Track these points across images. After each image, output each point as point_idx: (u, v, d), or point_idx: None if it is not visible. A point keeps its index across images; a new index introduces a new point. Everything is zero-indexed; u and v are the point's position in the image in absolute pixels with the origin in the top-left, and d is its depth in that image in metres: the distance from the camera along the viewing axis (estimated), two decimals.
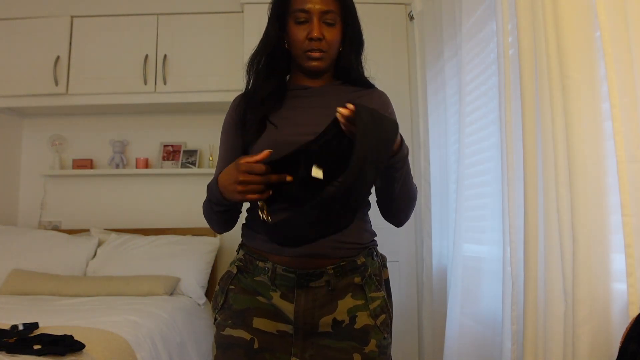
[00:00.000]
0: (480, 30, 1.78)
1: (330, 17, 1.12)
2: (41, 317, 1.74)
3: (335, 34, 1.13)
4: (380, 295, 1.08)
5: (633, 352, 0.88)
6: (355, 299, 1.05)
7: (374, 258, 1.12)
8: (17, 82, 2.78)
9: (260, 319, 1.06)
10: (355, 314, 1.04)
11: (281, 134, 1.08)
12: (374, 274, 1.10)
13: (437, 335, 2.18)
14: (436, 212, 2.29)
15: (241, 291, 1.09)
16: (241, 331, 1.05)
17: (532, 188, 1.23)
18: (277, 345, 1.04)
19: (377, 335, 1.05)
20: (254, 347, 1.04)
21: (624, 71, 1.03)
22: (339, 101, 1.03)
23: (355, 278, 1.06)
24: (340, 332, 1.04)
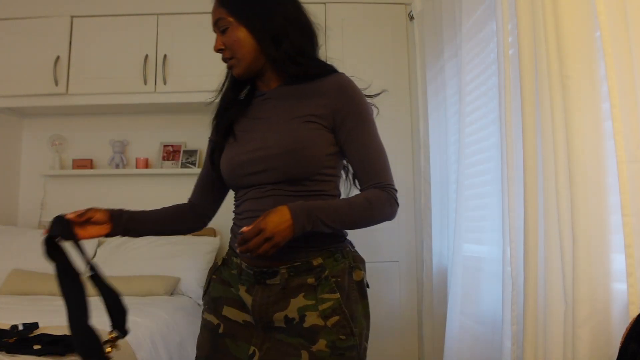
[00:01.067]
0: (480, 30, 1.78)
1: (220, 24, 1.15)
2: (41, 317, 1.73)
3: (230, 37, 1.14)
4: (334, 297, 1.08)
5: (633, 352, 0.88)
6: (307, 299, 1.08)
7: (337, 260, 1.12)
8: (17, 82, 2.78)
9: (229, 307, 1.16)
10: (304, 313, 1.07)
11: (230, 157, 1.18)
12: (334, 275, 1.10)
13: (437, 335, 2.18)
14: (436, 212, 2.29)
15: (220, 281, 1.20)
16: (212, 316, 1.18)
17: (532, 188, 1.23)
18: (240, 334, 1.13)
19: (328, 336, 1.06)
20: (219, 331, 1.15)
21: (624, 71, 1.03)
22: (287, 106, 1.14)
23: (309, 279, 1.09)
24: (291, 328, 1.08)
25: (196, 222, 1.34)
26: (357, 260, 1.17)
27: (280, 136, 1.11)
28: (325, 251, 1.11)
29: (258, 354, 1.09)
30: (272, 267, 1.10)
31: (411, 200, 2.60)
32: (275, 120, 1.15)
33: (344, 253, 1.14)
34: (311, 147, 1.10)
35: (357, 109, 1.14)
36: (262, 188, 1.12)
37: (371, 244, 2.59)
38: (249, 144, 1.15)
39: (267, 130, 1.14)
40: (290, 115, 1.13)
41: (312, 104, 1.13)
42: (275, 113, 1.16)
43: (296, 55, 1.14)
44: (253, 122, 1.19)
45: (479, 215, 1.82)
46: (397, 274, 2.58)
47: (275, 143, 1.10)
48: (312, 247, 1.10)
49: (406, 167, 2.62)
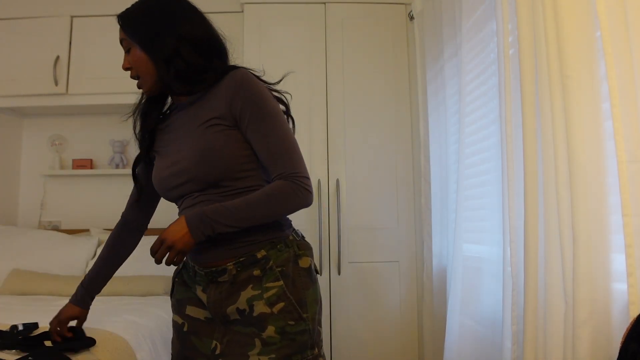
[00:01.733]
0: (480, 30, 1.78)
1: (124, 45, 1.21)
2: (41, 317, 1.73)
3: (133, 56, 1.19)
4: (277, 285, 1.12)
5: (634, 352, 0.88)
6: (254, 290, 1.13)
7: (281, 249, 1.15)
8: (17, 82, 2.78)
9: (191, 307, 1.24)
10: (252, 303, 1.12)
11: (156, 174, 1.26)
12: (278, 265, 1.13)
13: (437, 335, 2.18)
14: (436, 212, 2.29)
15: (181, 283, 1.28)
16: (177, 316, 1.27)
17: (532, 188, 1.23)
18: (203, 330, 1.21)
19: (276, 322, 1.10)
20: (184, 329, 1.24)
21: (624, 71, 1.03)
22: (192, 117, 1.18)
23: (255, 271, 1.13)
24: (244, 319, 1.13)
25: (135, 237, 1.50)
26: (302, 247, 1.19)
27: (190, 146, 1.15)
28: (267, 243, 1.15)
29: (219, 347, 1.16)
30: (220, 266, 1.15)
31: (411, 200, 2.60)
32: (185, 131, 1.19)
33: (287, 242, 1.17)
34: (220, 149, 1.12)
35: (251, 100, 1.12)
36: (192, 196, 1.18)
37: (371, 244, 2.59)
38: (168, 159, 1.22)
39: (180, 142, 1.19)
40: (196, 124, 1.16)
41: (213, 107, 1.14)
42: (185, 124, 1.20)
43: (188, 72, 1.15)
44: (169, 136, 1.25)
45: (479, 215, 1.82)
46: (397, 274, 2.58)
47: (188, 153, 1.15)
48: (254, 241, 1.14)
49: (406, 167, 2.62)
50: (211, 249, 1.16)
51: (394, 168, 2.63)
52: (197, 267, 1.20)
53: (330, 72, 2.63)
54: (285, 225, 1.21)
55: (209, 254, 1.17)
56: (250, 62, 2.77)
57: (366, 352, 2.55)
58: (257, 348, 1.10)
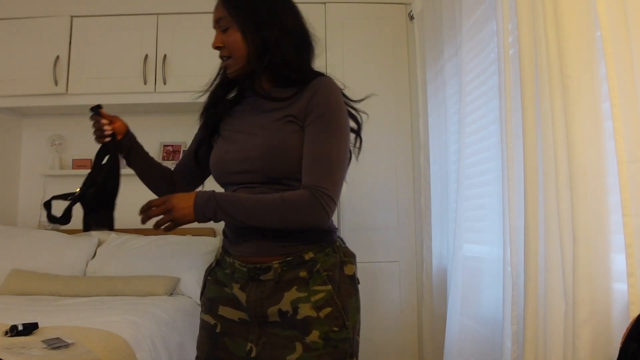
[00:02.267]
0: (480, 30, 1.78)
1: (222, 23, 1.18)
2: (41, 317, 1.73)
3: (229, 36, 1.16)
4: (326, 289, 1.10)
5: (634, 352, 0.88)
6: (299, 292, 1.10)
7: (329, 254, 1.14)
8: (17, 82, 2.78)
9: (225, 307, 1.18)
10: (297, 305, 1.09)
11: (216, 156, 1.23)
12: (325, 269, 1.11)
13: (437, 335, 2.18)
14: (436, 212, 2.29)
15: (215, 282, 1.23)
16: (208, 316, 1.21)
17: (532, 188, 1.23)
18: (237, 331, 1.15)
19: (320, 327, 1.08)
20: (216, 330, 1.18)
21: (624, 71, 1.03)
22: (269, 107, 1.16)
23: (301, 272, 1.11)
24: (285, 321, 1.10)
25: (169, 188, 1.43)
26: (347, 254, 1.18)
27: (263, 138, 1.13)
28: (316, 246, 1.13)
29: (255, 350, 1.11)
30: (265, 263, 1.12)
31: (411, 200, 2.60)
32: (259, 121, 1.17)
33: (334, 248, 1.16)
34: (290, 148, 1.11)
35: (326, 105, 1.11)
36: (249, 186, 1.14)
37: (371, 244, 2.59)
38: (236, 144, 1.18)
39: (251, 131, 1.17)
40: (273, 117, 1.15)
41: (292, 105, 1.14)
42: (259, 114, 1.18)
43: (281, 65, 1.15)
44: (240, 122, 1.22)
45: (479, 215, 1.82)
46: (397, 274, 2.58)
47: (257, 144, 1.13)
48: (303, 242, 1.13)
49: (406, 167, 2.62)
50: (257, 244, 1.13)
51: (394, 168, 2.63)
52: (239, 263, 1.15)
53: (330, 72, 2.62)
54: (333, 231, 1.20)
55: (254, 248, 1.13)
56: None
57: (366, 351, 2.54)
58: (297, 352, 1.07)
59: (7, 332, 1.57)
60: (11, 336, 1.55)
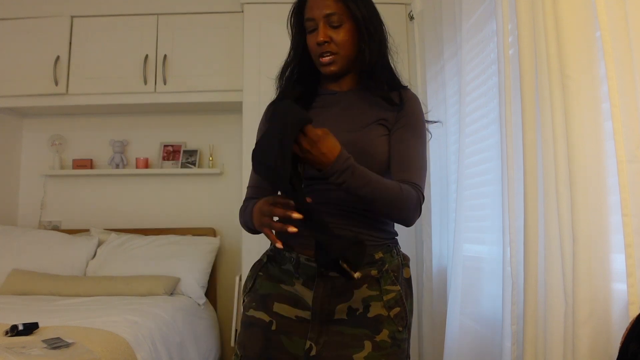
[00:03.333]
0: (480, 30, 1.78)
1: (335, 19, 1.16)
2: (41, 317, 1.74)
3: (343, 34, 1.16)
4: (396, 289, 1.14)
5: (633, 352, 0.88)
6: (371, 290, 1.12)
7: (394, 255, 1.18)
8: (17, 82, 2.78)
9: (280, 304, 1.15)
10: (369, 303, 1.11)
11: None
12: (392, 270, 1.15)
13: (437, 335, 2.18)
14: (436, 212, 2.29)
15: (267, 278, 1.19)
16: (262, 313, 1.15)
17: (532, 188, 1.23)
18: (294, 329, 1.12)
19: (390, 327, 1.10)
20: (272, 328, 1.13)
21: (624, 71, 1.03)
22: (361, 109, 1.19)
23: (372, 271, 1.12)
24: (354, 319, 1.10)
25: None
26: (405, 258, 1.23)
27: (354, 136, 1.15)
28: (384, 246, 1.17)
29: (315, 348, 1.09)
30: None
31: None
32: (350, 120, 1.18)
33: (397, 250, 1.21)
34: (380, 148, 1.15)
35: (417, 121, 1.20)
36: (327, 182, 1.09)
37: None
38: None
39: (340, 128, 1.14)
40: (365, 119, 1.18)
41: (384, 110, 1.18)
42: (350, 114, 1.20)
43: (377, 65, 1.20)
44: (324, 118, 1.19)
45: (479, 215, 1.82)
46: None
47: (350, 141, 1.11)
48: (376, 241, 1.15)
49: None
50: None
51: None
52: (305, 258, 1.12)
53: None
54: (396, 234, 1.23)
55: None
56: (250, 62, 2.80)
57: None
58: (365, 351, 1.07)
59: (8, 332, 1.57)
60: (11, 336, 1.56)
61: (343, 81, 1.24)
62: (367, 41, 1.18)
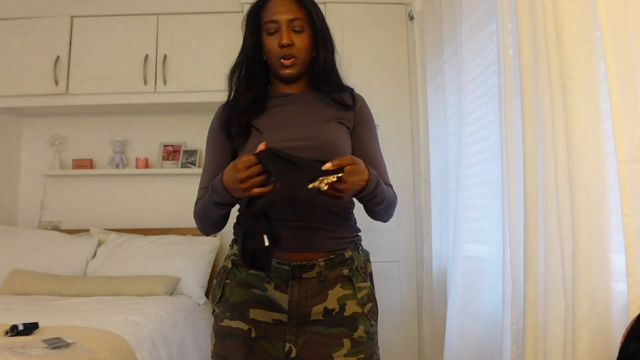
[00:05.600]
0: (480, 30, 1.79)
1: (297, 24, 1.20)
2: (41, 317, 1.74)
3: (304, 39, 1.21)
4: (367, 286, 1.19)
5: (633, 352, 0.88)
6: (344, 289, 1.15)
7: (360, 252, 1.22)
8: (17, 82, 2.78)
9: (256, 309, 1.15)
10: (344, 302, 1.14)
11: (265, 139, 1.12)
12: (360, 267, 1.19)
13: (437, 335, 2.18)
14: (436, 212, 2.29)
15: (237, 285, 1.18)
16: (239, 322, 1.14)
17: (532, 188, 1.23)
18: (273, 333, 1.13)
19: (364, 322, 1.15)
20: (251, 336, 1.13)
21: (624, 71, 1.03)
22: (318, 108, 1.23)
23: (344, 270, 1.16)
24: (331, 319, 1.13)
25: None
26: (367, 254, 1.27)
27: (319, 131, 1.19)
28: (352, 244, 1.20)
29: (295, 350, 1.11)
30: (310, 260, 1.13)
31: (411, 200, 2.60)
32: (308, 117, 1.22)
33: (361, 247, 1.25)
34: (342, 143, 1.20)
35: (370, 121, 1.30)
36: None
37: (371, 244, 2.58)
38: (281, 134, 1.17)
39: (300, 126, 1.20)
40: (324, 116, 1.22)
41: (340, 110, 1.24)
42: (307, 111, 1.23)
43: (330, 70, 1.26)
44: (280, 119, 1.22)
45: (479, 215, 1.82)
46: (397, 274, 2.58)
47: (316, 135, 1.17)
48: (342, 239, 1.18)
49: (406, 167, 2.62)
50: (303, 241, 1.13)
51: (394, 168, 2.62)
52: (277, 261, 1.12)
53: None
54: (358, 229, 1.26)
55: (300, 246, 1.13)
56: None
57: None
58: (344, 348, 1.11)
59: (8, 332, 1.57)
60: (11, 336, 1.56)
61: (295, 84, 1.27)
62: (323, 47, 1.24)
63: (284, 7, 1.19)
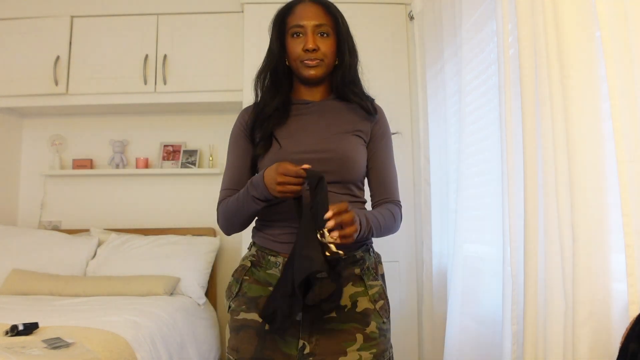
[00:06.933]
0: (480, 30, 1.79)
1: (323, 29, 1.24)
2: (41, 317, 1.74)
3: (329, 44, 1.25)
4: (378, 284, 1.24)
5: (633, 352, 0.88)
6: (356, 287, 1.20)
7: (371, 254, 1.28)
8: (17, 82, 2.78)
9: None
10: (356, 299, 1.19)
11: (285, 153, 1.21)
12: (371, 267, 1.25)
13: (437, 335, 2.18)
14: (436, 212, 2.29)
15: (254, 282, 1.23)
16: (254, 314, 1.18)
17: (532, 188, 1.23)
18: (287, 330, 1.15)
19: (376, 319, 1.19)
20: (265, 328, 1.16)
21: (624, 71, 1.03)
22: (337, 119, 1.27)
23: (355, 269, 1.22)
24: (343, 315, 1.17)
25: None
26: (378, 256, 1.32)
27: (336, 143, 1.23)
28: (363, 246, 1.26)
29: (309, 347, 1.15)
30: None
31: (411, 200, 2.60)
32: (327, 128, 1.26)
33: (373, 248, 1.30)
34: (359, 156, 1.25)
35: (388, 134, 1.33)
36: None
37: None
38: (300, 145, 1.23)
39: (320, 136, 1.24)
40: (342, 127, 1.26)
41: (359, 122, 1.28)
42: (326, 122, 1.27)
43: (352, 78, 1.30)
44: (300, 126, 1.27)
45: (479, 215, 1.82)
46: (397, 274, 2.58)
47: (332, 148, 1.22)
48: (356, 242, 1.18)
49: (406, 167, 2.62)
50: None
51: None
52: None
53: None
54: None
55: None
56: (250, 62, 2.79)
57: None
58: (357, 343, 1.15)
59: (8, 332, 1.57)
60: (11, 336, 1.56)
61: (317, 90, 1.31)
62: (348, 54, 1.28)
63: (310, 12, 1.23)
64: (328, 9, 1.25)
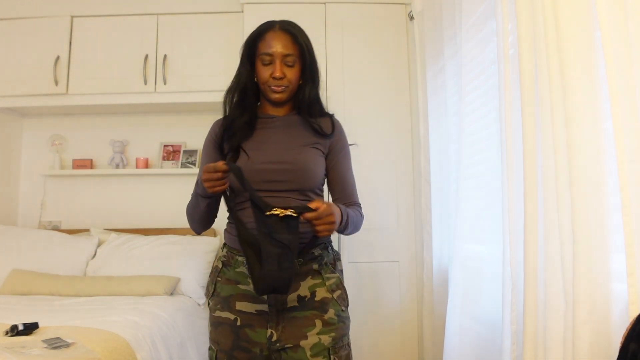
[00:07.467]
0: (480, 30, 1.79)
1: (290, 59, 1.37)
2: (41, 317, 1.74)
3: (294, 72, 1.39)
4: (335, 276, 1.39)
5: (633, 352, 0.88)
6: (314, 279, 1.35)
7: (329, 251, 1.42)
8: (17, 82, 2.78)
9: (241, 302, 1.34)
10: (314, 289, 1.34)
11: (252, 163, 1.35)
12: (329, 263, 1.40)
13: (437, 335, 2.18)
14: (436, 212, 2.29)
15: (226, 281, 1.38)
16: (227, 313, 1.35)
17: (532, 188, 1.23)
18: (256, 322, 1.33)
19: (334, 307, 1.34)
20: (237, 324, 1.33)
21: (624, 71, 1.03)
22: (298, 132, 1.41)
23: (314, 265, 1.36)
24: (304, 304, 1.33)
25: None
26: (337, 254, 1.46)
27: (296, 156, 1.37)
28: (321, 244, 1.39)
29: (276, 334, 1.30)
30: None
31: (411, 200, 2.60)
32: (290, 140, 1.40)
33: (331, 247, 1.44)
34: (317, 167, 1.39)
35: (346, 146, 1.49)
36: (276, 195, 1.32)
37: (371, 244, 2.59)
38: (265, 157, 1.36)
39: (283, 146, 1.39)
40: (302, 141, 1.41)
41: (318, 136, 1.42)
42: (289, 135, 1.42)
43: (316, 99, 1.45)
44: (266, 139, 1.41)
45: (479, 215, 1.82)
46: (397, 274, 2.59)
47: (292, 160, 1.36)
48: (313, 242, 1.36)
49: (406, 167, 2.62)
50: None
51: (393, 168, 2.63)
52: None
53: (330, 72, 2.63)
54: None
55: None
56: None
57: (366, 351, 2.55)
58: (317, 328, 1.30)
59: (8, 332, 1.57)
60: (11, 336, 1.56)
61: (282, 107, 1.46)
62: (310, 81, 1.42)
63: (280, 42, 1.36)
64: (295, 38, 1.38)
